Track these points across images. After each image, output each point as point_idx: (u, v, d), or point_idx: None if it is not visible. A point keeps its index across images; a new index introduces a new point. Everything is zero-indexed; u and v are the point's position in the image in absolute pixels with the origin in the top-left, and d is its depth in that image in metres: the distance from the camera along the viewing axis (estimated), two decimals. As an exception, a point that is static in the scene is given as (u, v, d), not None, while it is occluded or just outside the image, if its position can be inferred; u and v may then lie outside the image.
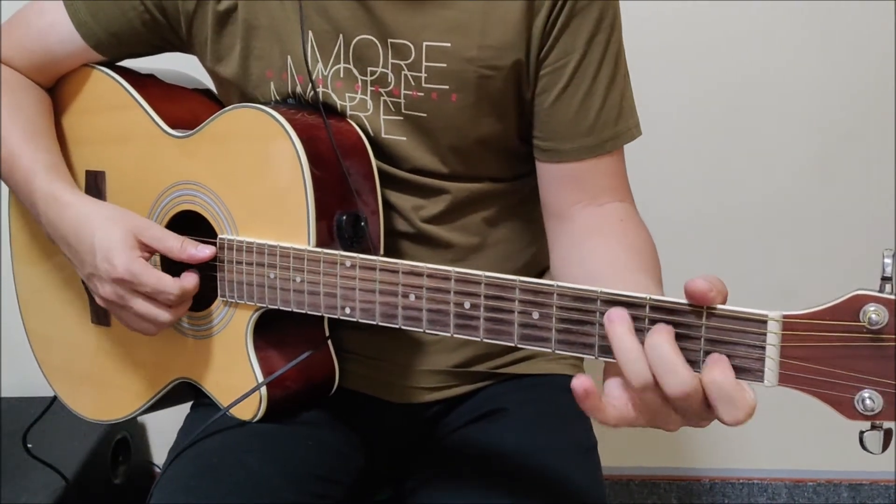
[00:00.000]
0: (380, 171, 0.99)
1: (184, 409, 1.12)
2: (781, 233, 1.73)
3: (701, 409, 0.67)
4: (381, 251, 0.98)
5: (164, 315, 0.95)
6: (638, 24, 1.61)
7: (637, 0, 1.57)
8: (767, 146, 1.70)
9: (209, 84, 1.14)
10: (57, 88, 1.12)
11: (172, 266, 0.99)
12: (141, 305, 0.94)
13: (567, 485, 0.97)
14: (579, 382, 0.68)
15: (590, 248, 0.95)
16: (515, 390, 1.09)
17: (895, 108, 1.65)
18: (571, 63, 0.95)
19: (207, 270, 0.97)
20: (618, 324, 0.68)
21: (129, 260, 0.94)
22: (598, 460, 1.06)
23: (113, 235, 0.95)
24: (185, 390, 1.07)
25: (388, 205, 1.01)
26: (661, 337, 0.66)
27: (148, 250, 0.97)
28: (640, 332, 0.69)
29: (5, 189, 1.13)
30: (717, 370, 0.65)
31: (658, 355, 0.66)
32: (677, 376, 0.66)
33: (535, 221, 1.10)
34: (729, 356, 0.66)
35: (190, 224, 1.00)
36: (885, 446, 0.63)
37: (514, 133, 1.02)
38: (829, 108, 1.68)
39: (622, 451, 1.81)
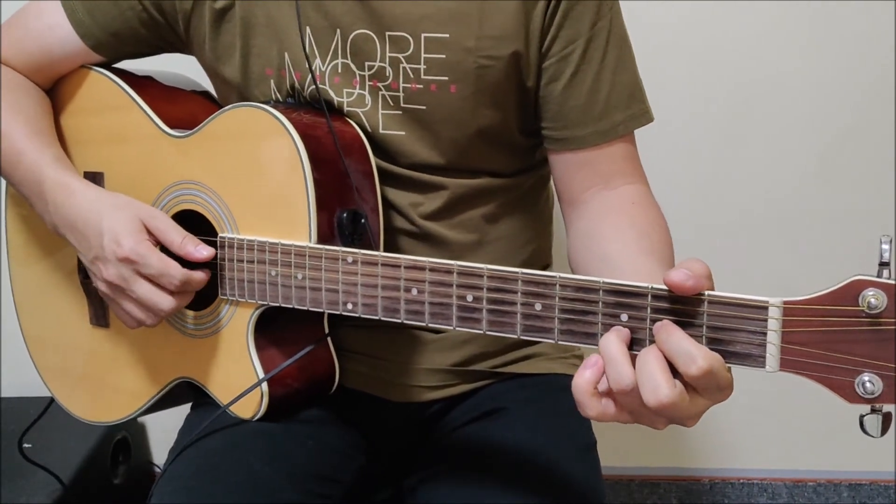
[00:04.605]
0: (378, 168, 0.99)
1: (184, 409, 1.12)
2: (783, 232, 1.73)
3: (685, 414, 0.68)
4: (381, 248, 0.98)
5: (165, 300, 0.94)
6: (640, 26, 1.62)
7: (637, 0, 1.58)
8: (769, 146, 1.70)
9: (207, 86, 1.14)
10: (55, 89, 1.12)
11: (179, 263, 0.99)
12: (143, 288, 0.94)
13: (567, 483, 0.98)
14: (594, 359, 0.71)
15: (602, 231, 0.96)
16: (516, 389, 1.08)
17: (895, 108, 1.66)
18: (577, 51, 0.96)
19: (209, 269, 0.97)
20: (611, 330, 0.71)
21: (136, 241, 0.94)
22: (598, 459, 1.06)
23: (121, 219, 0.96)
24: (184, 391, 1.07)
25: (386, 202, 1.01)
26: (651, 352, 0.68)
27: (153, 238, 0.97)
28: (642, 321, 0.70)
29: (2, 192, 1.13)
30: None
31: (642, 369, 0.68)
32: (657, 391, 0.67)
33: (535, 218, 1.11)
34: (730, 342, 0.67)
35: (191, 223, 0.99)
36: (885, 430, 0.64)
37: (514, 125, 1.02)
38: (831, 109, 1.67)
39: (622, 451, 1.80)
